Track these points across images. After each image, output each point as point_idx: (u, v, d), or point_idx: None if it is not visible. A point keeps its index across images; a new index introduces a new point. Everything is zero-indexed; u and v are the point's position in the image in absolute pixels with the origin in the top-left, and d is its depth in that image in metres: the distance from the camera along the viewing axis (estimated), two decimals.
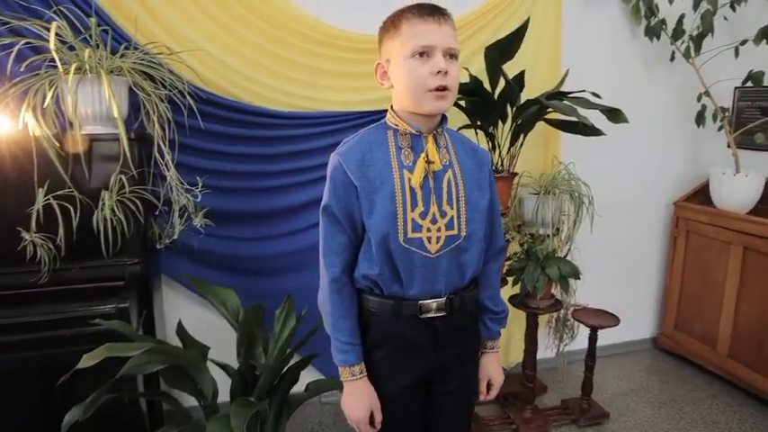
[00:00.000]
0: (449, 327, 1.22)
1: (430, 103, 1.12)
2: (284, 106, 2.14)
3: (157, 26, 1.95)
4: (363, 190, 1.14)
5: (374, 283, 1.20)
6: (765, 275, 2.38)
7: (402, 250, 1.15)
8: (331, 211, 1.17)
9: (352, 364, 1.20)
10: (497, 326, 1.36)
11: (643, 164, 2.78)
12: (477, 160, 1.26)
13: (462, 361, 1.29)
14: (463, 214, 1.19)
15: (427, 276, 1.17)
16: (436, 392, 1.28)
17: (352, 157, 1.16)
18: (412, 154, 1.17)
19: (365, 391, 1.21)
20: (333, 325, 1.21)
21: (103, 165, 1.76)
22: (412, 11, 1.11)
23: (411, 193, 1.15)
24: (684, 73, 2.61)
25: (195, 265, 2.10)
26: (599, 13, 2.52)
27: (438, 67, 1.09)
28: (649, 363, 2.87)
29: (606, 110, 2.07)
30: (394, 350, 1.22)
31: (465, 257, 1.20)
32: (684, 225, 2.75)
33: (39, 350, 1.60)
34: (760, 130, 2.65)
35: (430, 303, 1.19)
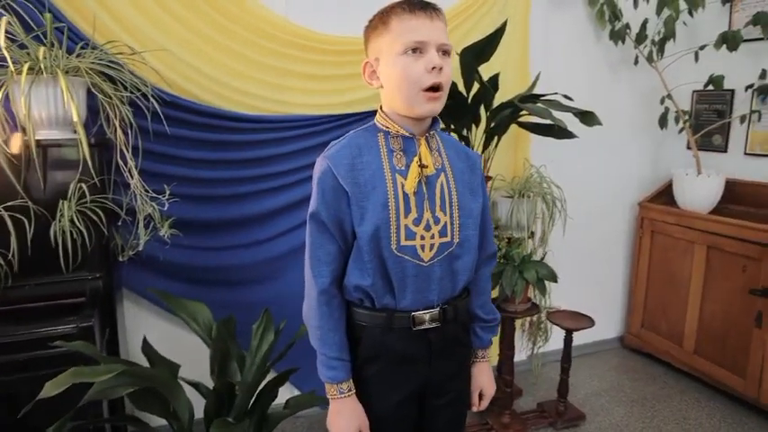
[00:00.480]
0: (443, 338, 1.17)
1: (422, 105, 1.07)
2: (252, 109, 2.07)
3: (117, 25, 1.84)
4: (355, 196, 1.09)
5: (366, 295, 1.14)
6: (729, 273, 2.46)
7: (395, 259, 1.10)
8: (319, 218, 1.10)
9: (341, 381, 1.14)
10: (489, 334, 1.33)
11: (609, 165, 2.84)
12: (468, 163, 1.22)
13: (456, 373, 1.24)
14: (456, 220, 1.15)
15: (420, 286, 1.12)
16: (430, 406, 1.23)
17: (341, 160, 1.10)
18: (404, 157, 1.12)
19: (354, 409, 1.15)
20: (320, 339, 1.14)
21: (60, 173, 1.64)
22: (402, 6, 1.07)
23: (404, 199, 1.10)
24: (647, 76, 2.68)
25: (160, 278, 1.99)
26: (565, 16, 2.56)
27: (433, 62, 1.04)
28: (618, 362, 2.93)
29: (579, 112, 2.09)
30: (386, 364, 1.16)
31: (458, 265, 1.16)
32: (649, 225, 2.83)
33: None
34: (717, 132, 2.75)
35: (423, 315, 1.14)
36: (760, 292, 2.31)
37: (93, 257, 1.66)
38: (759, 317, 2.32)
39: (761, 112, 2.57)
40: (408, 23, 1.05)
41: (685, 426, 2.34)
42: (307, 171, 2.17)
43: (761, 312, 2.32)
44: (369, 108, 2.20)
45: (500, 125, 2.16)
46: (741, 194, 2.62)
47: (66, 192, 1.60)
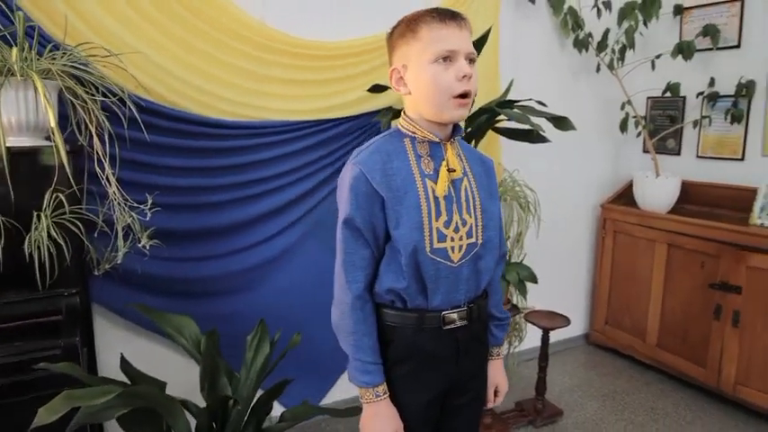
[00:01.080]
0: (468, 337, 1.21)
1: (452, 110, 1.10)
2: (229, 115, 2.01)
3: (88, 29, 1.74)
4: (389, 201, 1.10)
5: (398, 297, 1.15)
6: (688, 269, 2.62)
7: (429, 261, 1.12)
8: (354, 224, 1.11)
9: (377, 385, 1.14)
10: (502, 332, 1.37)
11: (573, 169, 2.96)
12: (485, 168, 1.26)
13: (477, 372, 1.28)
14: (480, 222, 1.19)
15: (450, 286, 1.15)
16: (451, 405, 1.26)
17: (374, 166, 1.11)
18: (432, 162, 1.15)
19: (390, 411, 1.16)
20: (354, 345, 1.14)
21: (31, 182, 1.53)
22: (431, 14, 1.09)
23: (435, 203, 1.13)
24: (608, 83, 2.81)
25: (137, 292, 1.89)
26: (532, 25, 2.65)
27: (463, 71, 1.07)
28: (585, 358, 3.05)
29: (553, 117, 2.16)
30: (417, 365, 1.18)
31: (481, 265, 1.19)
32: (612, 226, 2.97)
33: None
34: (671, 136, 2.93)
35: (452, 314, 1.17)
36: (718, 287, 2.47)
37: (70, 272, 1.56)
38: (718, 310, 2.48)
39: (711, 118, 2.76)
40: (439, 32, 1.08)
41: (654, 416, 2.46)
42: (284, 178, 2.14)
43: (719, 305, 2.48)
44: (346, 114, 2.20)
45: (477, 130, 2.21)
46: (695, 195, 2.80)
47: (37, 203, 1.50)
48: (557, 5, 2.61)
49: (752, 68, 2.60)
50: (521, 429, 2.37)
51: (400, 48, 1.14)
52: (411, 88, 1.14)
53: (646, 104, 3.00)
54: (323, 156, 2.20)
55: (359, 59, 2.20)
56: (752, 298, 2.39)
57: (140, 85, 1.79)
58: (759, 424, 2.39)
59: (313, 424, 2.35)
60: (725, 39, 2.69)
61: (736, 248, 2.42)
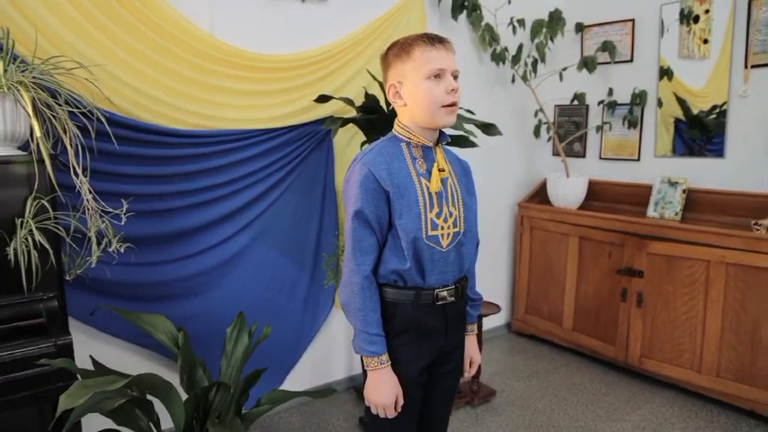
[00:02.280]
0: (455, 312, 1.52)
1: (444, 117, 1.41)
2: (182, 124, 2.25)
3: (50, 43, 1.93)
4: (394, 195, 1.40)
5: (399, 276, 1.44)
6: (597, 259, 3.19)
7: (426, 246, 1.42)
8: (364, 215, 1.39)
9: (381, 354, 1.42)
10: (476, 311, 1.70)
11: (493, 171, 3.47)
12: (462, 168, 1.59)
13: (459, 344, 1.59)
14: (462, 213, 1.50)
15: (442, 268, 1.45)
16: (436, 373, 1.55)
17: (380, 166, 1.40)
18: (424, 163, 1.45)
19: (392, 377, 1.44)
20: (363, 320, 1.41)
21: (8, 190, 1.71)
22: (423, 39, 1.41)
23: (429, 198, 1.43)
24: (522, 93, 3.35)
25: (102, 297, 2.08)
26: (455, 40, 3.01)
27: (451, 86, 1.39)
28: (509, 345, 3.57)
29: (482, 124, 2.61)
30: (413, 336, 1.47)
31: (464, 250, 1.51)
32: (528, 222, 3.51)
33: None
34: (577, 140, 3.52)
35: (443, 292, 1.47)
36: (624, 272, 3.04)
37: (49, 277, 1.75)
38: (624, 292, 3.06)
39: (611, 124, 3.37)
40: (430, 54, 1.39)
41: (574, 390, 2.98)
42: (236, 184, 2.41)
43: (625, 288, 3.05)
44: (294, 122, 2.51)
45: None
46: (600, 192, 3.40)
47: (15, 210, 1.68)
48: (475, 22, 3.09)
49: (643, 80, 3.23)
50: (460, 409, 2.79)
51: (396, 66, 1.44)
52: (407, 100, 1.43)
53: (554, 112, 3.59)
54: (272, 162, 2.49)
55: (305, 71, 2.53)
56: (652, 280, 2.96)
57: (104, 96, 2.00)
58: (663, 390, 2.96)
59: (267, 417, 2.63)
60: (620, 53, 3.30)
61: (638, 238, 2.99)
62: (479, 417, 2.74)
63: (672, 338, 2.91)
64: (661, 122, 3.20)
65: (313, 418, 2.68)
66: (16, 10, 1.88)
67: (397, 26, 2.82)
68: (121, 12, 2.07)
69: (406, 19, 2.86)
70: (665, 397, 2.90)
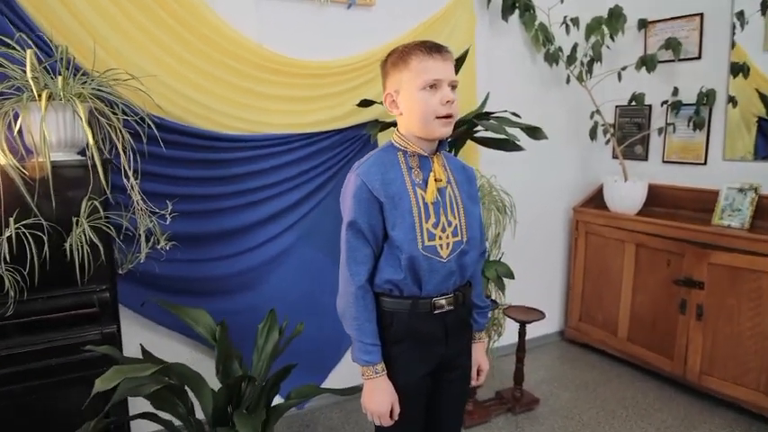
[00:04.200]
0: (455, 320, 1.54)
1: (439, 128, 1.42)
2: (229, 129, 2.42)
3: (109, 56, 2.15)
4: (387, 205, 1.42)
5: (395, 286, 1.47)
6: (655, 267, 3.10)
7: (422, 257, 1.44)
8: (357, 226, 1.43)
9: (376, 363, 1.46)
10: (484, 319, 1.71)
11: (547, 175, 3.46)
12: (466, 176, 1.59)
13: (463, 351, 1.62)
14: (463, 222, 1.51)
15: (440, 278, 1.47)
16: (443, 380, 1.58)
17: (373, 176, 1.43)
18: (421, 173, 1.47)
19: (387, 386, 1.48)
20: (358, 329, 1.45)
21: (69, 192, 1.93)
22: (420, 48, 1.41)
23: (425, 208, 1.45)
24: (578, 94, 3.31)
25: (153, 290, 2.29)
26: (506, 41, 3.14)
27: (447, 97, 1.39)
28: (560, 353, 3.55)
29: (527, 128, 2.62)
30: (412, 344, 1.50)
31: (466, 259, 1.52)
32: (583, 227, 3.46)
33: (22, 383, 1.73)
34: (639, 142, 3.43)
35: (441, 300, 1.49)
36: (682, 283, 2.94)
37: (102, 271, 1.96)
38: (683, 304, 2.96)
39: (675, 125, 3.26)
40: (426, 64, 1.39)
41: (624, 404, 2.93)
42: (280, 186, 2.56)
43: (684, 300, 2.95)
44: (337, 126, 2.64)
45: (457, 140, 2.66)
46: (661, 197, 3.30)
47: (74, 209, 1.90)
48: (528, 22, 3.09)
49: (711, 78, 3.09)
50: (501, 416, 2.82)
51: (393, 75, 1.45)
52: (403, 110, 1.45)
53: (614, 113, 3.51)
54: (316, 165, 2.63)
55: (349, 76, 2.64)
56: (713, 293, 2.84)
57: (153, 103, 2.20)
58: (723, 410, 2.84)
59: (308, 412, 2.78)
60: (686, 51, 3.19)
61: (699, 247, 2.88)
62: (519, 425, 2.75)
63: (735, 355, 2.79)
64: (741, 122, 3.04)
65: (353, 415, 2.79)
66: (79, 24, 2.10)
67: (443, 29, 2.88)
68: (174, 25, 2.26)
69: (454, 22, 2.91)
70: (726, 418, 2.79)
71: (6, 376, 1.72)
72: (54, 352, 1.78)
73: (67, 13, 2.07)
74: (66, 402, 1.86)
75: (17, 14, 1.98)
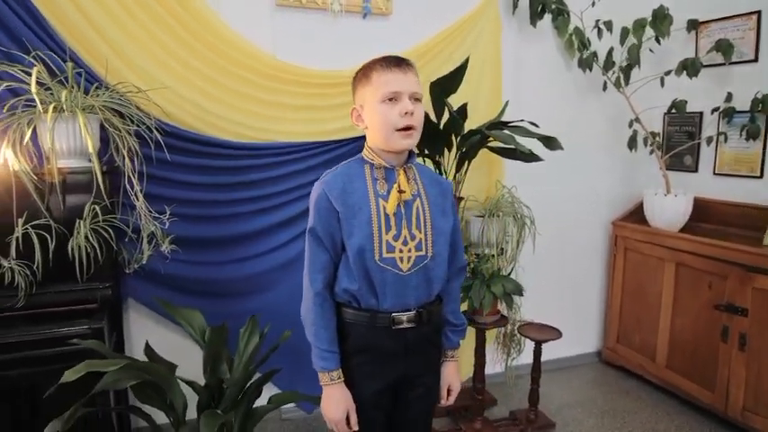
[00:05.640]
0: (418, 337, 1.54)
1: (399, 141, 1.46)
2: (244, 138, 2.55)
3: (125, 66, 2.33)
4: (344, 215, 1.46)
5: (353, 297, 1.50)
6: (696, 289, 2.89)
7: (378, 268, 1.46)
8: (316, 233, 1.49)
9: (331, 370, 1.50)
10: (457, 337, 1.70)
11: (582, 186, 3.33)
12: (440, 189, 1.60)
13: (427, 370, 1.62)
14: (430, 237, 1.51)
15: (399, 291, 1.48)
16: (403, 398, 1.60)
17: (334, 186, 1.49)
18: (386, 185, 1.50)
19: (342, 394, 1.51)
20: (315, 335, 1.51)
21: (77, 195, 2.13)
22: (380, 63, 1.47)
23: (385, 219, 1.47)
24: (616, 101, 3.15)
25: (161, 289, 2.46)
26: (536, 47, 3.06)
27: (405, 109, 1.43)
28: (594, 375, 3.38)
29: (543, 138, 2.55)
30: (369, 357, 1.53)
31: (432, 275, 1.53)
32: (623, 243, 3.28)
33: (18, 369, 1.93)
34: (688, 152, 3.21)
35: (401, 316, 1.50)
36: (724, 308, 2.72)
37: (104, 269, 2.13)
38: (725, 332, 2.73)
39: (727, 134, 3.02)
40: (386, 77, 1.44)
41: None
42: (293, 193, 2.66)
43: (726, 327, 2.73)
44: (347, 136, 2.69)
45: (469, 150, 2.63)
46: (709, 212, 3.07)
47: (81, 212, 2.09)
48: (561, 27, 2.99)
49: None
50: None
51: (358, 90, 1.53)
52: (367, 123, 1.50)
53: (662, 120, 3.30)
54: None
55: None
56: (758, 321, 2.60)
57: (166, 114, 2.37)
58: None
59: (317, 417, 2.84)
60: (741, 53, 2.94)
61: (744, 269, 2.65)
62: None
63: None
64: None
65: None
66: (98, 35, 2.29)
67: (465, 37, 2.86)
68: (189, 39, 2.42)
69: (477, 30, 2.88)
70: None
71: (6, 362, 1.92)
72: (49, 343, 1.96)
73: (91, 29, 2.28)
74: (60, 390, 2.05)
75: (45, 31, 2.19)
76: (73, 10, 2.23)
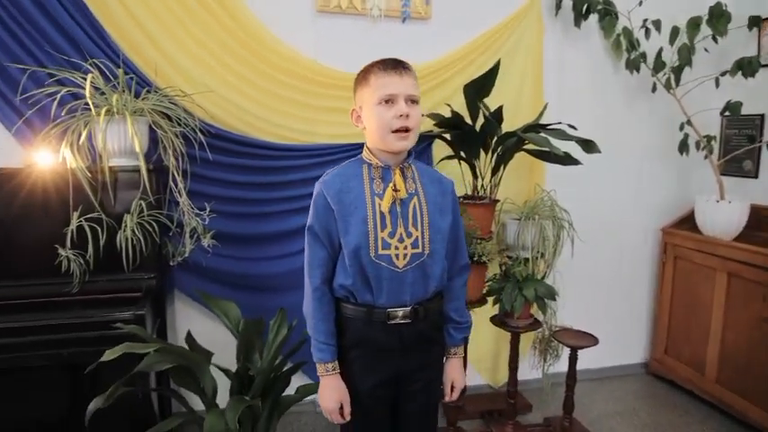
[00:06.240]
0: (413, 333, 1.59)
1: (394, 142, 1.51)
2: (283, 139, 2.69)
3: (174, 70, 2.52)
4: (339, 213, 1.54)
5: (349, 292, 1.57)
6: (749, 302, 2.76)
7: (373, 264, 1.52)
8: (314, 230, 1.58)
9: (327, 362, 1.59)
10: (460, 334, 1.74)
11: (629, 191, 3.26)
12: (441, 188, 1.64)
13: (426, 365, 1.66)
14: (427, 235, 1.56)
15: (394, 287, 1.54)
16: (404, 392, 1.65)
17: (332, 185, 1.57)
18: (382, 184, 1.56)
19: (337, 385, 1.59)
20: (313, 327, 1.60)
21: (126, 192, 2.32)
22: (378, 65, 1.54)
23: (381, 217, 1.53)
24: (666, 103, 3.06)
25: (204, 281, 2.64)
26: (580, 49, 3.02)
27: (400, 111, 1.48)
28: (639, 387, 3.28)
29: (581, 140, 2.53)
30: (366, 351, 1.59)
31: (429, 272, 1.58)
32: (672, 251, 3.17)
33: (68, 348, 2.13)
34: (747, 157, 3.06)
35: (396, 312, 1.56)
36: None
37: (149, 261, 2.32)
38: None
39: None
40: (383, 80, 1.51)
41: None
42: None
43: None
44: None
45: (505, 153, 2.64)
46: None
47: (129, 207, 2.28)
48: (607, 27, 2.93)
49: None
50: None
51: (358, 92, 1.59)
52: (365, 125, 1.57)
53: (720, 123, 3.16)
54: None
55: None
56: None
57: (209, 115, 2.54)
58: None
59: None
60: None
61: None
62: None
63: None
64: None
65: None
66: (150, 42, 2.50)
67: (506, 40, 2.87)
68: (233, 44, 2.58)
69: (519, 32, 2.88)
70: None
71: (60, 341, 2.13)
72: (96, 326, 2.14)
73: (144, 37, 2.49)
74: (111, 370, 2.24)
75: (104, 40, 2.41)
76: (128, 20, 2.46)
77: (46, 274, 2.22)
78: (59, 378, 2.29)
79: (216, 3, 2.51)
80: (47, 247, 2.22)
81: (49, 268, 2.21)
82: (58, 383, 2.29)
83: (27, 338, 2.10)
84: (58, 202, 2.23)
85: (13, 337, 2.08)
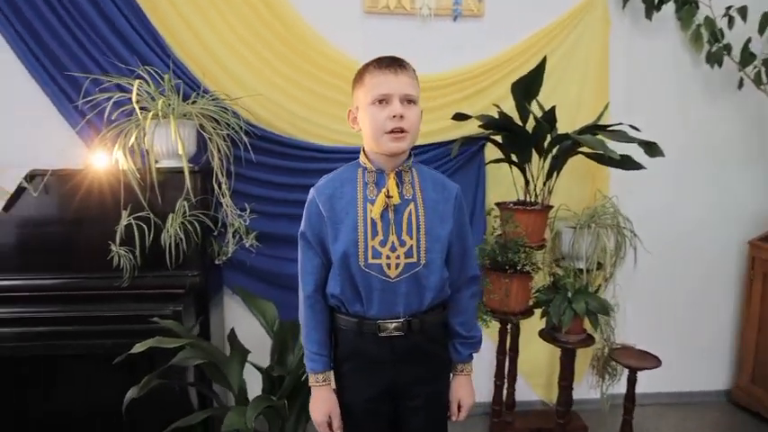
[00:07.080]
0: (406, 346, 1.52)
1: (388, 144, 1.44)
2: (327, 141, 2.71)
3: (222, 73, 2.62)
4: (330, 219, 1.49)
5: (340, 302, 1.53)
6: None
7: (362, 273, 1.47)
8: (306, 237, 1.55)
9: (317, 372, 1.56)
10: (468, 350, 1.65)
11: (709, 199, 2.97)
12: (444, 194, 1.55)
13: (425, 380, 1.58)
14: (423, 244, 1.48)
15: (386, 298, 1.48)
16: (403, 407, 1.59)
17: (324, 191, 1.53)
18: (376, 189, 1.50)
19: (326, 396, 1.57)
20: (306, 336, 1.57)
21: (173, 192, 2.43)
22: (373, 64, 1.48)
23: (372, 224, 1.47)
24: (755, 101, 2.75)
25: (250, 280, 2.72)
26: (651, 42, 2.80)
27: (394, 111, 1.41)
28: (717, 416, 2.99)
29: (643, 143, 2.34)
30: (359, 364, 1.55)
31: (425, 283, 1.50)
32: (762, 266, 2.84)
33: (112, 339, 2.27)
34: None
35: (388, 324, 1.49)
36: None
37: (192, 259, 2.42)
38: None
39: None
40: (377, 79, 1.45)
41: None
42: None
43: None
44: (431, 141, 2.73)
45: (560, 156, 2.49)
46: None
47: (171, 208, 2.39)
48: (685, 18, 2.68)
49: None
50: None
51: (354, 92, 1.54)
52: (360, 126, 1.51)
53: None
54: None
55: (446, 90, 2.71)
56: None
57: (255, 116, 2.61)
58: None
59: None
60: None
61: None
62: None
63: None
64: None
65: None
66: (201, 46, 2.60)
67: (566, 37, 2.73)
68: (280, 47, 2.64)
69: (581, 28, 2.73)
70: None
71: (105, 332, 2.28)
72: (138, 319, 2.26)
73: (195, 40, 2.60)
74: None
75: (159, 45, 2.56)
76: (179, 23, 2.57)
77: (99, 269, 2.39)
78: (103, 369, 2.44)
79: (263, 4, 2.58)
80: (101, 243, 2.37)
81: (103, 263, 2.37)
82: (102, 375, 2.44)
83: (88, 328, 2.26)
84: (112, 201, 2.38)
85: (80, 325, 2.26)
